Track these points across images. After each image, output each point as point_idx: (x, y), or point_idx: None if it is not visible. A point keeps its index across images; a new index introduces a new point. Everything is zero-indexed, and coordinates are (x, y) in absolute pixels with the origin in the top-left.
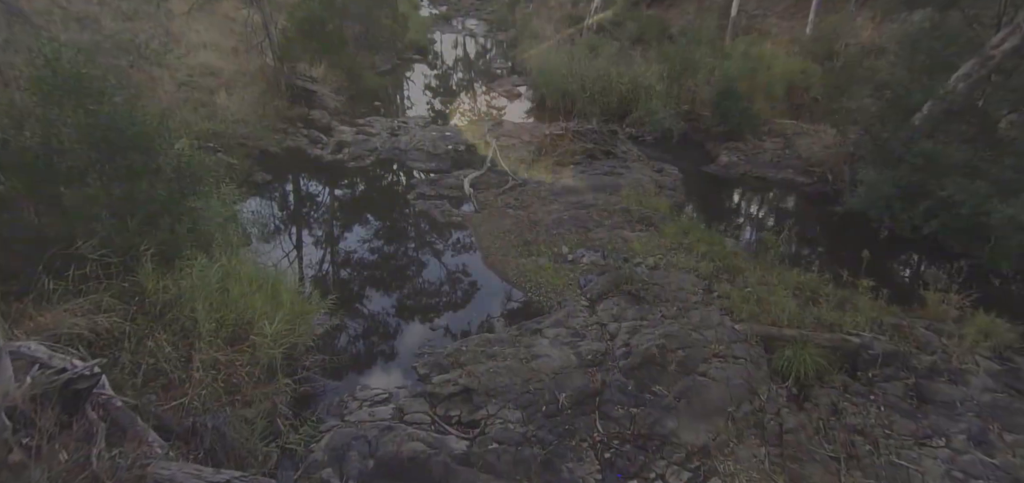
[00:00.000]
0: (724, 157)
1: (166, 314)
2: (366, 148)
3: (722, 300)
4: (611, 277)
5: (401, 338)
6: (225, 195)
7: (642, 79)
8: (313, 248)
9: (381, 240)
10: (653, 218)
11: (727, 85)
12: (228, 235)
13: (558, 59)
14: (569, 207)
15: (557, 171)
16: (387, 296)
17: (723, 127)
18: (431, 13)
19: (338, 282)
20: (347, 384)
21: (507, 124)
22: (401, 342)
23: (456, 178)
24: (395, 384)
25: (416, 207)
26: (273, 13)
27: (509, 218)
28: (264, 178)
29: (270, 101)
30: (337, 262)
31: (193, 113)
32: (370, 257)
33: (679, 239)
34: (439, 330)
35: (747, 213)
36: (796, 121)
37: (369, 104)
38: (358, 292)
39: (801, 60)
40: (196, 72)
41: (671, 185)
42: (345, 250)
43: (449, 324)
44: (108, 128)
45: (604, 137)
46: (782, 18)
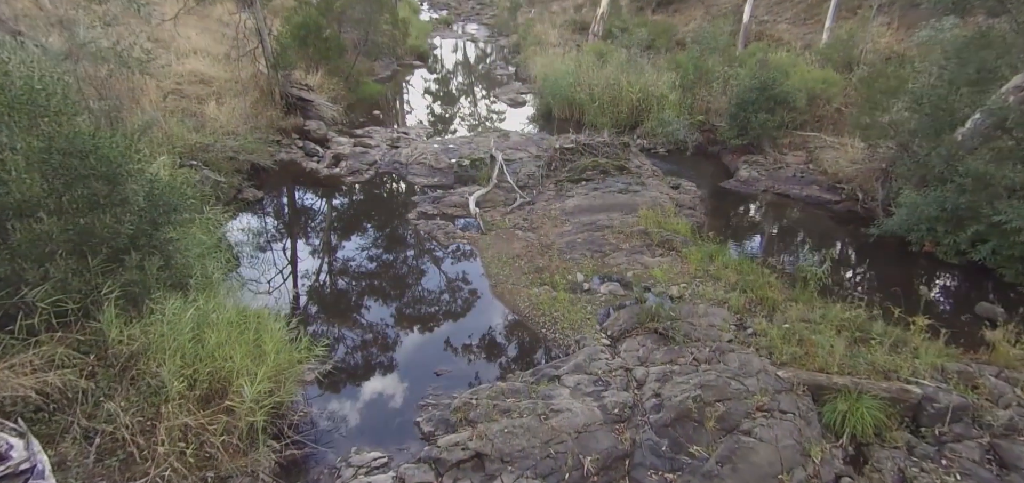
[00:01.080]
0: (744, 172)
1: (130, 368)
2: (364, 161)
3: (759, 339)
4: (634, 313)
5: (402, 384)
6: (209, 220)
7: (653, 88)
8: (305, 277)
9: (379, 267)
10: (674, 241)
11: (750, 95)
12: (209, 268)
13: (564, 67)
14: (583, 228)
15: (568, 188)
16: (386, 333)
17: (741, 139)
18: (431, 17)
19: (332, 315)
20: (340, 444)
21: (513, 135)
22: (402, 389)
23: (460, 195)
24: (395, 443)
25: (418, 228)
26: (268, 17)
27: (518, 241)
28: (255, 195)
29: (263, 111)
30: (331, 293)
31: (179, 125)
32: (367, 286)
33: (704, 266)
34: (445, 374)
35: (774, 235)
36: (818, 133)
37: (368, 113)
38: (353, 329)
39: (821, 69)
40: (185, 80)
41: (690, 203)
42: (340, 279)
43: (455, 367)
44: (66, 153)
45: (616, 150)
46: (793, 24)
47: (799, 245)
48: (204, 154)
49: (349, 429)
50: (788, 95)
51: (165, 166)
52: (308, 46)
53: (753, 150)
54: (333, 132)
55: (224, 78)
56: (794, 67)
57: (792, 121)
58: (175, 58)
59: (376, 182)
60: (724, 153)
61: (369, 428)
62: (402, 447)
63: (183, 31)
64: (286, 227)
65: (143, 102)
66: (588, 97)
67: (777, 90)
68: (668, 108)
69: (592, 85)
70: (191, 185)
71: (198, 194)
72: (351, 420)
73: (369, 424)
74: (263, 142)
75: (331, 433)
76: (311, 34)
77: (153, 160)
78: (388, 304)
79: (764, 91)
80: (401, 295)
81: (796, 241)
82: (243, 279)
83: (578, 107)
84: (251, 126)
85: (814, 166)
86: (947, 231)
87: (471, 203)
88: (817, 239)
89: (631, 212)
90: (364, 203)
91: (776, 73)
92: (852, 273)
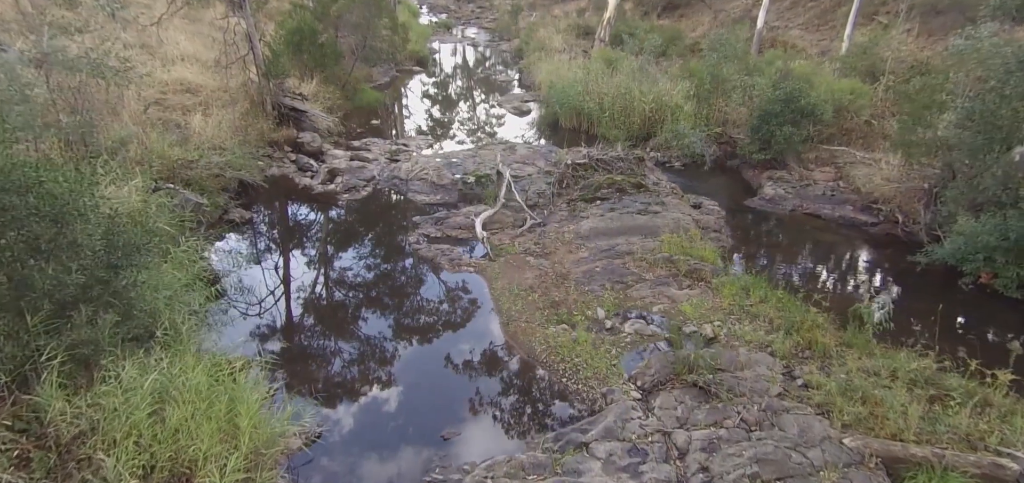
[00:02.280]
0: (769, 189)
1: (74, 452)
2: (362, 177)
3: (813, 393)
4: (667, 361)
5: (404, 450)
6: (185, 254)
7: (667, 98)
8: (295, 314)
9: (378, 301)
10: (702, 271)
11: (774, 107)
12: (179, 317)
13: (572, 74)
14: (601, 255)
15: (582, 208)
16: (385, 384)
17: (764, 154)
18: (431, 21)
19: (324, 362)
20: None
21: (519, 148)
22: (404, 458)
23: (466, 217)
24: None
25: (420, 253)
26: (263, 20)
27: (531, 269)
28: (242, 216)
29: (253, 123)
30: (323, 333)
31: (160, 139)
32: (364, 326)
33: (739, 300)
34: (453, 438)
35: (811, 262)
36: (847, 148)
37: (366, 123)
38: (348, 378)
39: (843, 79)
40: (170, 89)
41: (715, 225)
42: (333, 316)
43: (465, 428)
44: (1, 189)
45: (631, 166)
46: (806, 30)
47: (841, 275)
48: (187, 171)
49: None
50: (815, 107)
51: (137, 190)
52: (302, 52)
53: (776, 165)
54: (328, 144)
55: (212, 87)
56: (817, 76)
57: (818, 134)
58: (161, 65)
59: (374, 200)
60: (744, 167)
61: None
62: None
63: (172, 35)
64: (275, 254)
65: (123, 114)
66: (598, 107)
67: (803, 102)
68: (683, 119)
69: (602, 94)
70: (167, 211)
71: (176, 220)
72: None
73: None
74: (253, 157)
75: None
76: (306, 40)
77: (125, 183)
78: (387, 348)
79: (789, 103)
80: (402, 336)
81: (836, 270)
82: (222, 319)
83: (587, 117)
84: (240, 139)
85: (845, 183)
86: (1009, 262)
87: (477, 226)
88: (859, 267)
89: (652, 235)
90: (361, 224)
91: (800, 83)
92: (906, 310)
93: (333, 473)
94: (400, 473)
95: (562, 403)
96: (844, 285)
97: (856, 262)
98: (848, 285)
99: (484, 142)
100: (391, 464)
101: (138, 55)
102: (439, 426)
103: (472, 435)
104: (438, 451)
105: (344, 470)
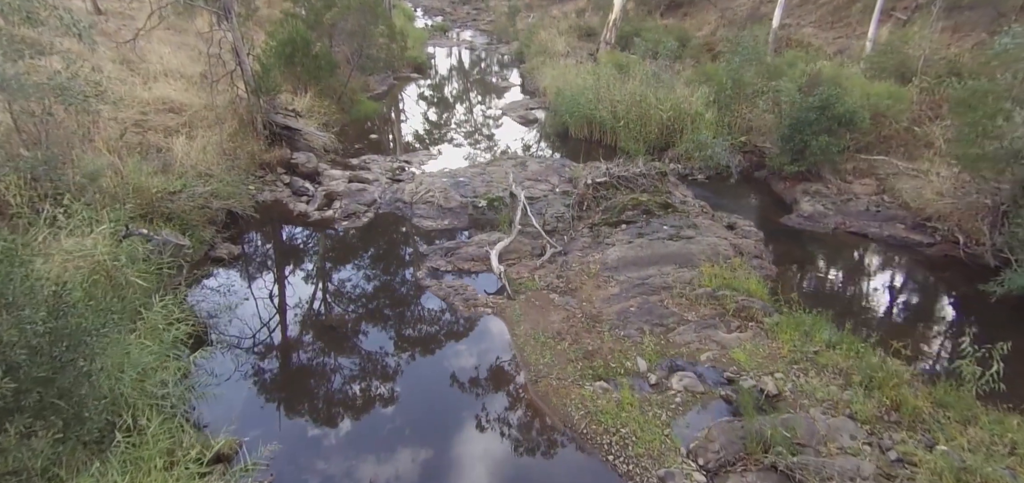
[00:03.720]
0: (806, 205)
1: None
2: (362, 201)
3: (915, 473)
4: (733, 433)
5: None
6: (160, 312)
7: (685, 105)
8: (287, 375)
9: (384, 355)
10: (752, 309)
11: (808, 115)
12: (145, 405)
13: (581, 81)
14: (633, 289)
15: (606, 233)
16: (394, 465)
17: (797, 166)
18: (426, 24)
19: (319, 447)
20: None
21: (530, 163)
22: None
23: (478, 246)
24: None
25: (429, 291)
26: (253, 29)
27: (556, 310)
28: (230, 253)
29: (243, 144)
30: (320, 410)
31: (138, 168)
32: (370, 389)
33: (800, 345)
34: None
35: (866, 291)
36: (887, 157)
37: (364, 136)
38: (351, 468)
39: (871, 80)
40: (151, 108)
41: (755, 250)
42: (332, 381)
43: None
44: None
45: (654, 181)
46: (820, 28)
47: (907, 308)
48: (168, 204)
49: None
50: (854, 114)
51: (103, 239)
52: (295, 64)
53: (810, 177)
54: (325, 164)
55: (198, 105)
56: (846, 79)
57: (853, 143)
58: (142, 82)
59: (376, 228)
60: (773, 179)
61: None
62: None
63: (155, 48)
64: (267, 299)
65: (97, 141)
66: (611, 116)
67: (840, 109)
68: (704, 128)
69: (615, 102)
70: (141, 260)
71: (152, 269)
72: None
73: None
74: (242, 181)
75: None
76: (298, 51)
77: (90, 230)
78: (396, 417)
79: (825, 110)
80: (414, 400)
81: (899, 302)
82: (207, 381)
83: (599, 126)
84: (228, 162)
85: (889, 197)
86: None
87: (493, 258)
88: (922, 298)
89: (687, 265)
90: (363, 258)
91: (835, 89)
92: (982, 342)
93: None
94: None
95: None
96: (914, 321)
97: (918, 291)
98: (918, 321)
99: (491, 157)
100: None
101: (118, 71)
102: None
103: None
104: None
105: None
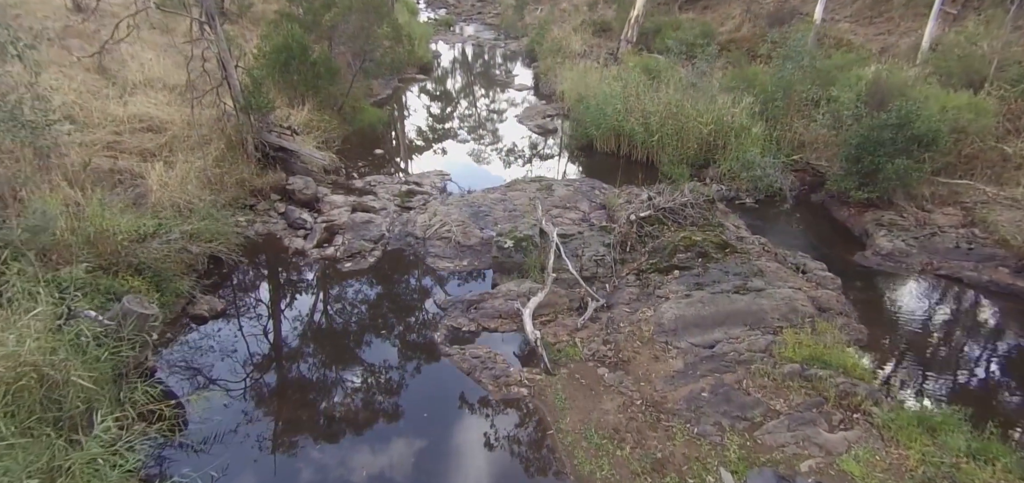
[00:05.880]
0: (883, 240)
1: None
2: (367, 236)
3: None
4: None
5: None
6: (101, 449)
7: (728, 117)
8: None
9: (394, 467)
10: (856, 395)
11: (883, 134)
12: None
13: (607, 87)
14: (701, 364)
15: (656, 282)
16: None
17: (867, 192)
18: (429, 18)
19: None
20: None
21: (556, 186)
22: None
23: (505, 299)
24: None
25: (449, 360)
26: (247, 27)
27: (608, 393)
28: (211, 308)
29: (232, 169)
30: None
31: (102, 205)
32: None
33: (933, 456)
34: None
35: (986, 361)
36: (971, 181)
37: (368, 151)
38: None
39: (934, 86)
40: (127, 127)
41: (837, 304)
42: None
43: None
44: None
45: (702, 211)
46: (857, 23)
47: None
48: (138, 251)
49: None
50: (937, 134)
51: (37, 327)
52: (291, 73)
53: (880, 204)
54: (325, 188)
55: (182, 121)
56: (911, 86)
57: (931, 164)
58: (119, 95)
59: (385, 271)
60: (834, 205)
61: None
62: None
63: (139, 52)
64: (253, 374)
65: (55, 174)
66: (642, 128)
67: (921, 127)
68: (752, 143)
69: (647, 113)
70: (88, 349)
71: (105, 356)
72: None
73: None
74: (229, 216)
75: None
76: (295, 58)
77: (19, 316)
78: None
79: (902, 128)
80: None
81: None
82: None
83: (628, 139)
84: (212, 196)
85: (981, 231)
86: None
87: (527, 320)
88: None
89: (760, 325)
90: (370, 313)
91: (910, 103)
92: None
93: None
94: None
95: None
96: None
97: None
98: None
99: (511, 177)
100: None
101: (92, 82)
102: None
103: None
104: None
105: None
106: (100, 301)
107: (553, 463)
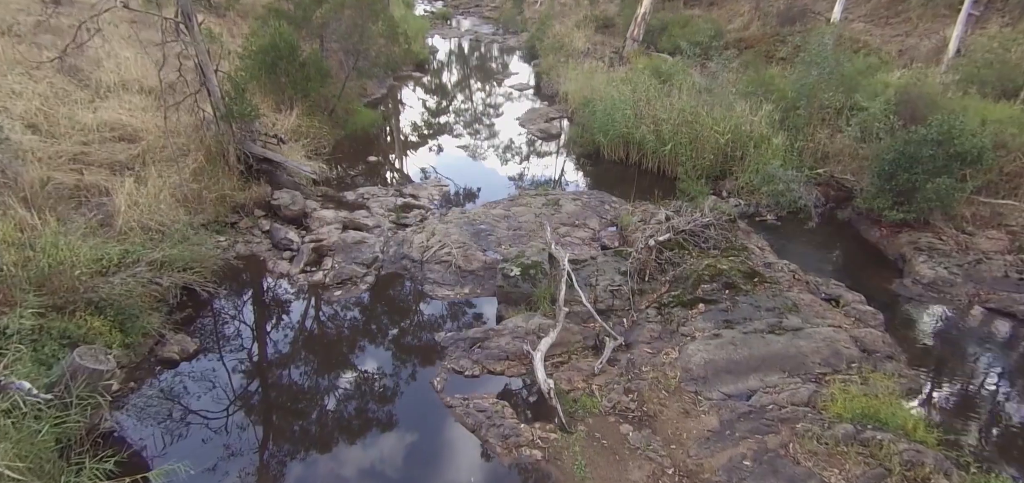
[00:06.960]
0: (925, 267)
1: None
2: (359, 259)
3: None
4: None
5: None
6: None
7: (746, 125)
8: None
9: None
10: (923, 466)
11: (922, 149)
12: None
13: (614, 91)
14: (738, 422)
15: (680, 318)
16: None
17: (903, 213)
18: (426, 11)
19: None
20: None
21: (563, 202)
22: None
23: (511, 336)
24: None
25: (451, 413)
26: (235, 20)
27: (634, 458)
28: (182, 349)
29: (211, 184)
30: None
31: (59, 232)
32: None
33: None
34: None
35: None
36: (1016, 201)
37: (361, 157)
38: None
39: (967, 96)
40: (96, 137)
41: (883, 346)
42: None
43: None
44: None
45: (725, 232)
46: (873, 23)
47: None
48: (100, 286)
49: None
50: (982, 150)
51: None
52: (278, 75)
53: (915, 225)
54: (314, 202)
55: (158, 128)
56: (941, 94)
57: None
58: (89, 100)
59: (379, 300)
60: (863, 224)
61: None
62: None
63: (116, 50)
64: (228, 425)
65: (8, 195)
66: (654, 136)
67: (966, 144)
68: (772, 155)
69: (658, 120)
70: (20, 428)
71: (45, 429)
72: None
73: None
74: (209, 234)
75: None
76: (283, 59)
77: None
78: None
79: (944, 144)
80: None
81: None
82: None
83: (638, 147)
84: (191, 211)
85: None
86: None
87: (538, 365)
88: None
89: (800, 371)
90: (362, 353)
91: (956, 117)
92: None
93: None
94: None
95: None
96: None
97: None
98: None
99: (515, 190)
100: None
101: (61, 84)
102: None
103: None
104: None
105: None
106: (52, 348)
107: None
